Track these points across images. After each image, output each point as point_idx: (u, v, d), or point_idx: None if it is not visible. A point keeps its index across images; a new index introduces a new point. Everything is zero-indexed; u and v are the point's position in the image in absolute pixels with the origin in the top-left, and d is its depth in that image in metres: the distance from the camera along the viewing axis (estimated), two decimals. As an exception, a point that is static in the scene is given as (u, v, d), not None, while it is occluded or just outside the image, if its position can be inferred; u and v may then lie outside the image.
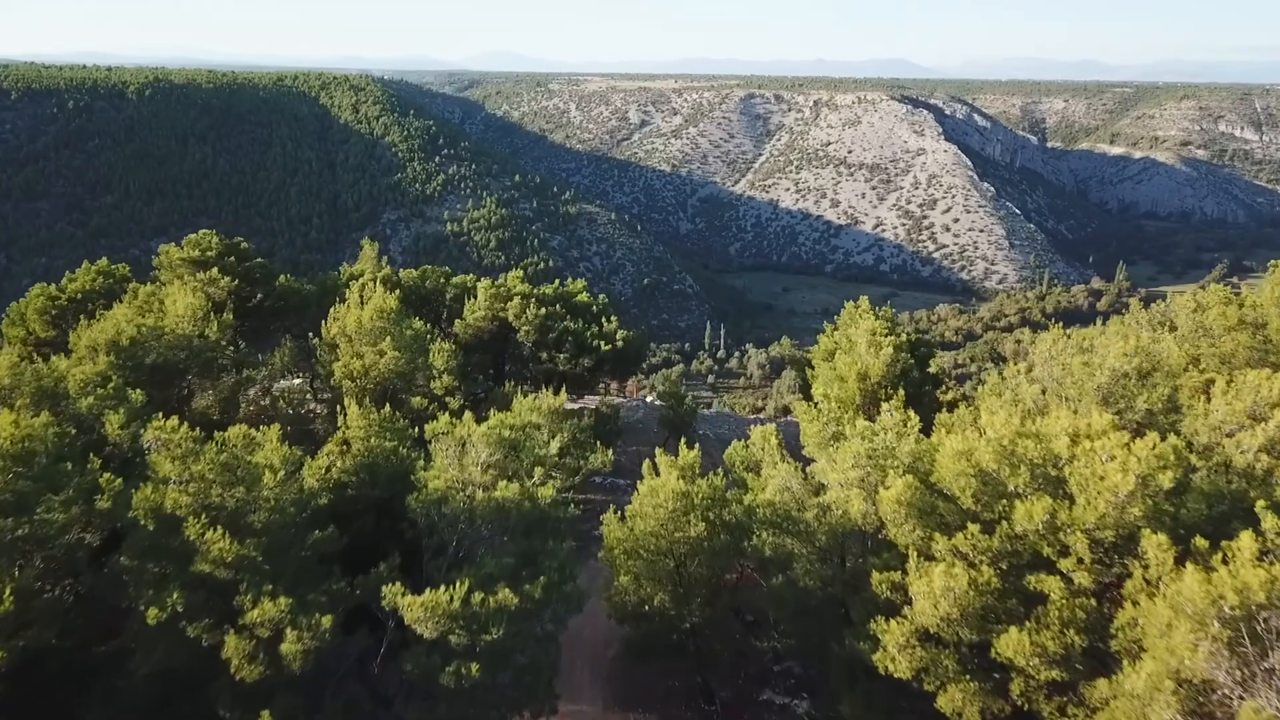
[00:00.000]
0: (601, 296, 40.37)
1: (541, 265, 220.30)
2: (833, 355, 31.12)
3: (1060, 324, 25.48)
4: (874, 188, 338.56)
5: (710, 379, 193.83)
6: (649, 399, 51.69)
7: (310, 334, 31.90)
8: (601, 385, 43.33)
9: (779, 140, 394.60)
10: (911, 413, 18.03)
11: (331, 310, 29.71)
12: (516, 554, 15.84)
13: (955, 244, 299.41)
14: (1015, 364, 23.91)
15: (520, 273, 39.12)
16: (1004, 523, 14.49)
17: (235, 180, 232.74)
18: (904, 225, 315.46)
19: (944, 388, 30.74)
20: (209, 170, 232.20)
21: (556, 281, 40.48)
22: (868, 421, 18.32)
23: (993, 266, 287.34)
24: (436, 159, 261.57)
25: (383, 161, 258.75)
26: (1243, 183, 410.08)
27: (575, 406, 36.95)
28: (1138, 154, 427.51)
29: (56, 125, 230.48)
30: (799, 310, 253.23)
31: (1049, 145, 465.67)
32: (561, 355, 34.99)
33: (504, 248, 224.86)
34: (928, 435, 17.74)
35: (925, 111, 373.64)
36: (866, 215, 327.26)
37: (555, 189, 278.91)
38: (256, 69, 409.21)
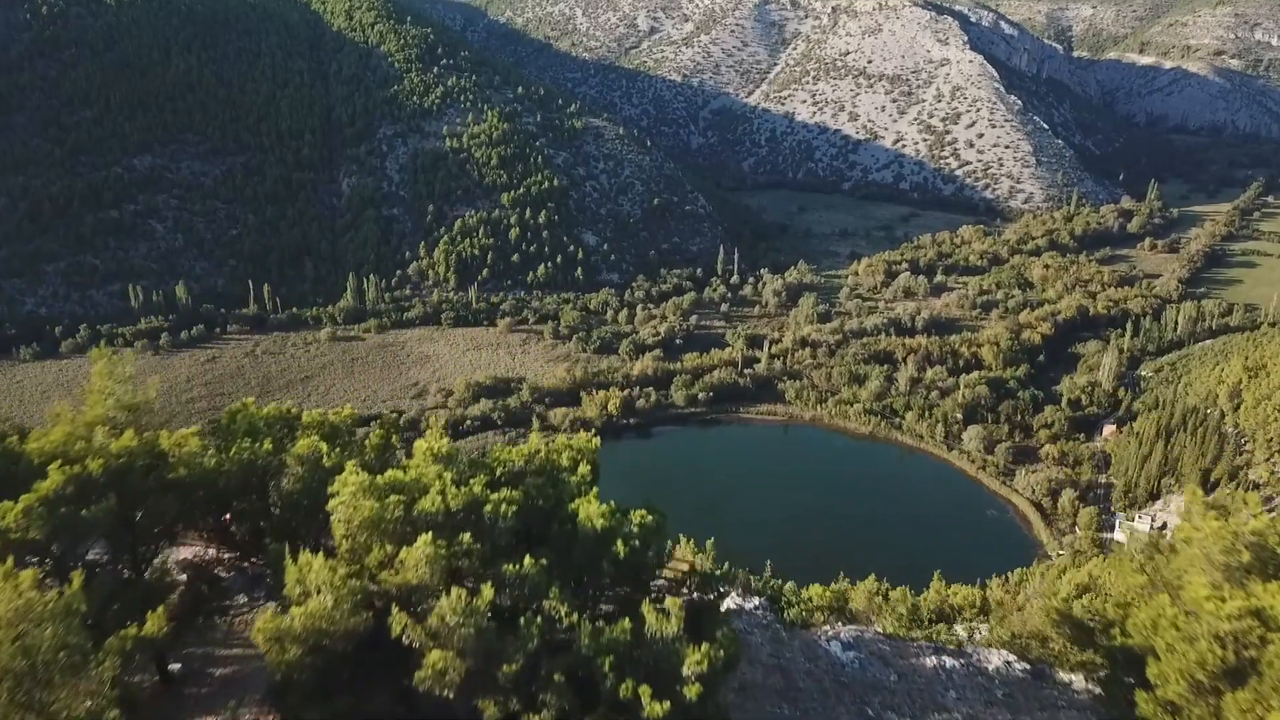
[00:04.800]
0: (641, 514, 15.08)
1: (545, 185, 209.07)
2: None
3: None
4: (894, 100, 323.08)
5: (724, 307, 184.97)
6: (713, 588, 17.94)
7: None
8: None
9: (795, 49, 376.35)
10: None
11: None
12: None
13: (979, 160, 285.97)
14: None
15: (436, 441, 15.81)
16: None
17: (222, 93, 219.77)
18: (925, 141, 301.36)
19: None
20: (194, 82, 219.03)
21: (534, 444, 17.14)
22: None
23: (1018, 185, 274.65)
24: (435, 70, 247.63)
25: (378, 73, 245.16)
26: (1278, 94, 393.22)
27: None
28: (1168, 64, 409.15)
29: (30, 33, 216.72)
30: (816, 232, 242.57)
31: (1075, 55, 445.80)
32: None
33: (506, 165, 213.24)
34: None
35: (950, 18, 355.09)
36: (886, 130, 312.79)
37: (560, 101, 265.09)
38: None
